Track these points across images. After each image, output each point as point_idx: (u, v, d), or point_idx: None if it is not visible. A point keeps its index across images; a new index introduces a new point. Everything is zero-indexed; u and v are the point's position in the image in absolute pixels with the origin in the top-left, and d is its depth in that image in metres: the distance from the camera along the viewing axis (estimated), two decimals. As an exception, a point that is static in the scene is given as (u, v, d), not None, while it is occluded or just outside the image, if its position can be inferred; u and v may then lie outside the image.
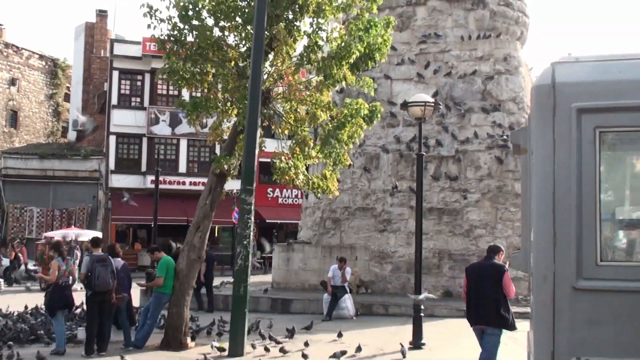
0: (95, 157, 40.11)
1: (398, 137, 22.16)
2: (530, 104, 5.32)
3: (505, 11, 22.96)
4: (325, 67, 12.65)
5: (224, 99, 13.32)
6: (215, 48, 12.83)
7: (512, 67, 21.97)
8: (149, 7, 12.77)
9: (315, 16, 12.68)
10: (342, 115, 13.12)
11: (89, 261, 12.16)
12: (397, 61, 22.58)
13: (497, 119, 21.50)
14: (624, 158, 5.45)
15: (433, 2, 22.78)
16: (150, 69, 37.92)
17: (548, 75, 5.02)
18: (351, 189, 22.34)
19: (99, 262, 12.11)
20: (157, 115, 38.55)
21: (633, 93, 4.88)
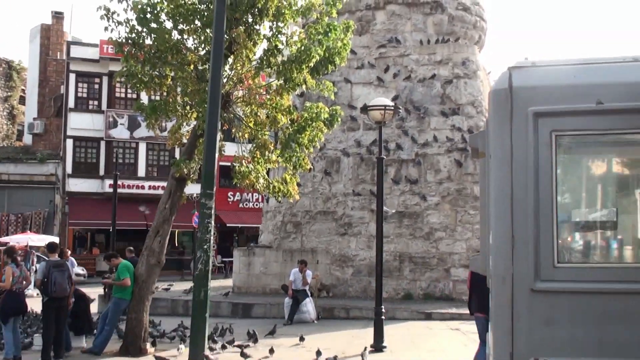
0: (52, 160, 39.43)
1: (358, 140, 22.25)
2: (488, 108, 5.37)
3: (463, 16, 23.22)
4: (285, 70, 12.62)
5: (184, 102, 13.21)
6: (174, 51, 12.71)
7: (471, 71, 22.22)
8: (106, 9, 12.59)
9: (275, 20, 12.65)
10: (302, 119, 13.10)
11: (45, 267, 11.95)
12: (357, 65, 22.68)
13: (456, 122, 21.72)
14: (580, 161, 5.53)
15: (392, 6, 22.94)
16: (108, 71, 37.47)
17: (505, 80, 5.07)
18: (312, 192, 22.35)
19: (56, 267, 11.92)
20: (115, 118, 38.10)
21: (587, 97, 4.96)
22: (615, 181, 5.60)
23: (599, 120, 4.97)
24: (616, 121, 4.96)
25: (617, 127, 5.00)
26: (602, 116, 4.95)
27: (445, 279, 20.90)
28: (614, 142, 5.31)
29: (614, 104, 4.91)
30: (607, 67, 5.15)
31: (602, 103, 4.90)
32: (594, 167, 5.70)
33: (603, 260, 5.35)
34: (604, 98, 4.93)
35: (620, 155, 5.58)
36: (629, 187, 5.54)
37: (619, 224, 5.33)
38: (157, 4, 12.63)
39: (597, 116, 4.96)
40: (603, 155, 5.58)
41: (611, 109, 4.92)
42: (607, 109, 4.91)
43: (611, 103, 4.92)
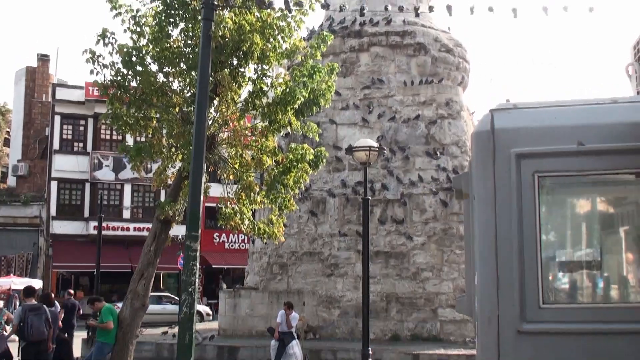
0: (36, 203, 39.18)
1: (344, 181, 22.29)
2: (471, 150, 5.42)
3: (446, 57, 23.52)
4: (270, 112, 12.69)
5: (169, 144, 13.22)
6: (160, 94, 12.76)
7: (454, 111, 22.42)
8: (92, 52, 12.66)
9: (260, 62, 12.75)
10: (287, 161, 13.14)
11: (21, 311, 11.84)
12: (341, 106, 22.83)
13: (441, 162, 21.84)
14: (563, 201, 5.56)
15: (376, 48, 23.21)
16: (93, 113, 37.50)
17: (487, 122, 5.13)
18: (298, 233, 22.30)
19: (32, 311, 11.80)
20: (100, 160, 38.03)
21: (568, 138, 5.02)
22: (598, 220, 5.63)
23: (580, 161, 5.03)
24: (597, 162, 5.02)
25: (598, 167, 5.05)
26: (583, 157, 5.01)
27: (433, 320, 20.79)
28: (596, 182, 5.36)
29: (595, 145, 4.97)
30: (587, 108, 5.22)
31: (583, 144, 4.96)
32: (577, 207, 5.74)
33: (589, 300, 5.35)
34: (584, 139, 4.99)
35: (603, 194, 5.63)
36: (612, 226, 5.57)
37: (604, 263, 5.35)
38: (143, 47, 12.72)
39: (578, 157, 5.01)
40: (586, 195, 5.62)
41: (592, 150, 4.97)
42: (588, 150, 4.97)
43: (592, 144, 4.98)
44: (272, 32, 12.58)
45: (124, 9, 12.81)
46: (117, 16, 12.79)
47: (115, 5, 12.73)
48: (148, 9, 13.00)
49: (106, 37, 12.69)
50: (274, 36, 12.63)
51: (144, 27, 12.90)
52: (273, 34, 12.61)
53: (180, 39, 12.99)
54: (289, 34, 12.77)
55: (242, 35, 12.08)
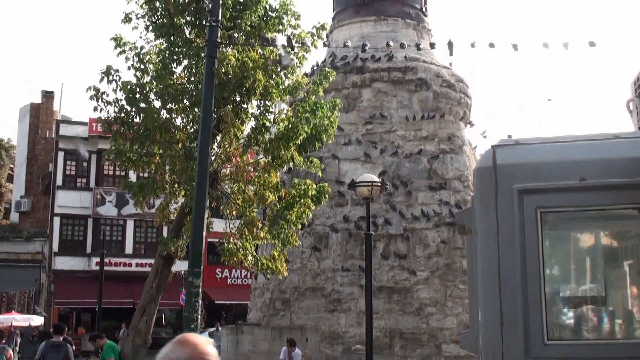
0: (39, 239, 39.13)
1: (347, 216, 22.25)
2: (473, 185, 5.43)
3: (447, 92, 23.64)
4: (272, 148, 12.77)
5: (171, 180, 13.27)
6: (163, 130, 12.86)
7: (457, 146, 22.48)
8: (96, 89, 12.79)
9: (263, 99, 12.86)
10: (290, 196, 13.17)
11: (44, 347, 12.14)
12: (344, 141, 22.89)
13: (443, 197, 21.82)
14: (566, 236, 5.56)
15: (378, 84, 23.35)
16: (96, 149, 37.64)
17: (489, 158, 5.14)
18: (301, 268, 22.20)
19: (53, 347, 12.00)
20: (103, 196, 38.07)
21: (570, 174, 5.02)
22: (602, 255, 5.61)
23: (582, 196, 5.02)
24: (600, 197, 5.02)
25: (601, 203, 5.05)
26: (586, 192, 5.01)
27: (437, 356, 20.59)
28: (599, 217, 5.35)
29: (597, 181, 4.98)
30: (589, 144, 5.23)
31: (585, 180, 4.96)
32: (581, 242, 5.73)
33: (594, 336, 5.30)
34: (587, 175, 4.99)
35: (606, 229, 5.62)
36: (616, 261, 5.56)
37: (609, 298, 5.32)
38: (147, 84, 12.85)
39: (580, 193, 5.01)
40: (589, 230, 5.62)
41: (594, 185, 4.98)
42: (590, 185, 4.97)
43: (594, 180, 4.98)
44: (275, 69, 12.71)
45: (128, 47, 12.97)
46: (121, 54, 12.95)
47: (119, 44, 12.89)
48: (152, 46, 13.18)
49: (110, 74, 12.83)
50: (276, 73, 12.76)
51: (147, 64, 13.05)
52: (276, 71, 12.75)
53: (183, 76, 13.13)
54: (292, 70, 12.89)
55: (245, 72, 12.21)
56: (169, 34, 12.97)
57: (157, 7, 13.09)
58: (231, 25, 12.75)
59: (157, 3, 13.06)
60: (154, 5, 13.09)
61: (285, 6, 13.30)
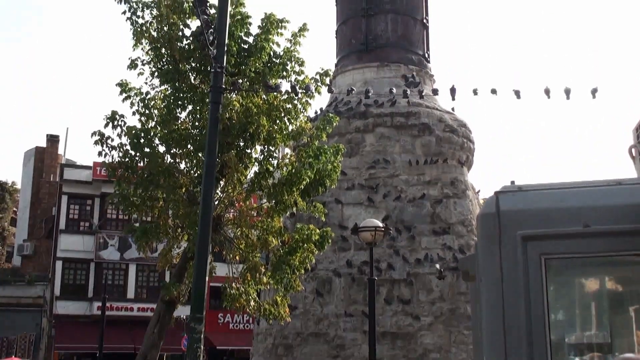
0: (40, 283, 38.98)
1: (350, 261, 22.16)
2: (477, 232, 5.44)
3: (450, 137, 23.74)
4: (276, 193, 12.79)
5: (174, 225, 13.27)
6: (167, 174, 12.90)
7: (460, 190, 22.50)
8: (101, 134, 12.89)
9: (266, 144, 12.93)
10: (293, 241, 13.15)
11: None
12: (347, 186, 22.93)
13: (447, 241, 21.77)
14: (570, 283, 5.54)
15: (381, 129, 23.48)
16: (100, 193, 37.72)
17: (492, 204, 5.15)
18: (303, 313, 22.04)
19: None
20: (106, 240, 38.02)
21: (574, 220, 5.02)
22: (607, 301, 5.60)
23: (586, 242, 5.02)
24: (603, 243, 5.01)
25: (605, 249, 5.05)
26: (590, 239, 5.00)
27: (441, 403, 20.32)
28: (603, 264, 5.35)
29: (601, 227, 4.98)
30: (592, 190, 5.25)
31: (589, 226, 4.97)
32: (585, 288, 5.71)
33: (600, 384, 5.27)
34: (590, 221, 4.99)
35: (610, 275, 5.61)
36: (621, 306, 5.54)
37: (615, 344, 5.29)
38: (151, 129, 12.94)
39: (584, 239, 5.01)
40: (593, 276, 5.61)
41: (598, 231, 4.98)
42: (594, 231, 4.97)
43: (598, 226, 4.98)
44: (279, 114, 12.81)
45: (133, 92, 13.11)
46: (126, 99, 13.08)
47: (125, 89, 13.04)
48: (157, 92, 13.31)
49: (115, 119, 12.94)
50: (280, 118, 12.86)
51: (152, 109, 13.16)
52: (279, 116, 12.85)
53: (188, 121, 13.22)
54: (295, 115, 13.00)
55: (249, 118, 12.30)
56: (174, 79, 13.11)
57: (163, 53, 13.26)
58: (236, 71, 12.90)
59: (162, 50, 13.24)
60: (160, 52, 13.26)
61: (290, 53, 13.46)
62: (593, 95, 11.65)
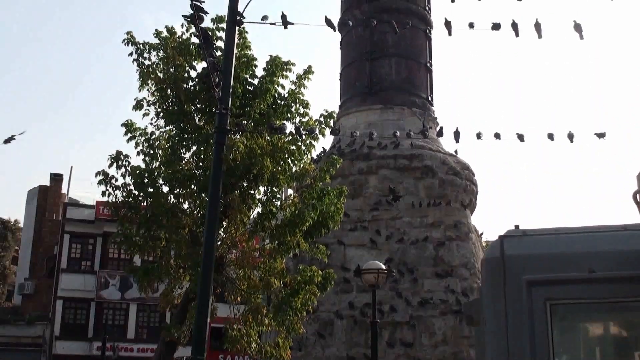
0: (41, 322, 38.69)
1: (352, 303, 22.03)
2: (481, 276, 5.42)
3: (453, 180, 23.78)
4: (279, 234, 12.77)
5: (176, 265, 13.23)
6: (170, 215, 12.91)
7: (463, 233, 22.46)
8: (105, 174, 12.93)
9: (270, 185, 12.95)
10: (295, 283, 13.10)
11: None
12: (350, 227, 22.90)
13: (450, 284, 21.66)
14: (576, 328, 5.51)
15: (384, 171, 23.54)
16: (102, 232, 37.67)
17: (497, 249, 5.15)
18: (305, 356, 21.83)
19: None
20: (107, 279, 37.86)
21: (579, 265, 5.01)
22: (612, 347, 5.56)
23: (592, 288, 5.00)
24: (609, 289, 5.00)
25: (610, 295, 5.03)
26: (595, 284, 4.99)
27: None
28: (608, 309, 5.32)
29: (606, 273, 4.96)
30: (597, 235, 5.24)
31: (594, 272, 4.95)
32: (590, 333, 5.67)
33: None
34: (595, 266, 4.98)
35: (615, 321, 5.58)
36: (626, 352, 5.49)
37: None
38: (155, 169, 12.98)
39: (589, 284, 4.99)
40: (599, 322, 5.58)
41: (603, 277, 4.96)
42: (599, 277, 4.96)
43: (603, 272, 4.97)
44: (283, 156, 12.86)
45: (138, 133, 13.19)
46: (131, 139, 13.16)
47: (130, 130, 13.12)
48: (162, 132, 13.39)
49: (120, 159, 12.99)
50: (284, 159, 12.91)
51: (157, 149, 13.22)
52: (283, 157, 12.89)
53: (192, 162, 13.27)
54: (299, 157, 13.05)
55: (253, 159, 12.34)
56: (179, 120, 13.21)
57: (169, 94, 13.39)
58: (240, 112, 12.99)
59: (168, 91, 13.37)
60: (166, 93, 13.38)
61: (294, 95, 13.57)
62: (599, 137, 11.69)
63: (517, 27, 10.44)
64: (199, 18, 8.89)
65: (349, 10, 26.12)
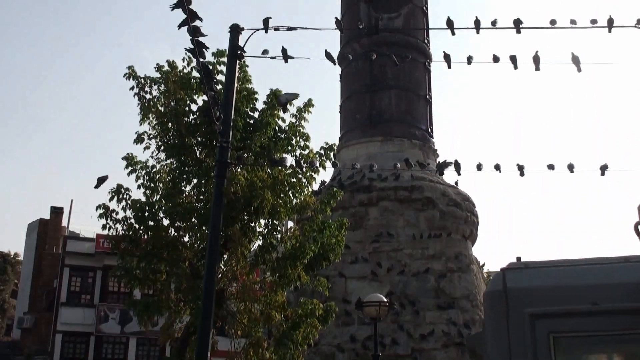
0: (39, 357, 38.35)
1: (353, 335, 21.88)
2: (483, 310, 5.40)
3: (454, 211, 23.78)
4: (280, 267, 12.73)
5: (177, 298, 13.16)
6: (170, 248, 12.87)
7: (464, 264, 22.39)
8: (105, 208, 12.92)
9: (270, 217, 12.93)
10: (296, 316, 13.02)
11: None
12: (351, 259, 22.84)
13: (452, 316, 21.54)
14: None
15: (385, 203, 23.54)
16: (102, 265, 37.52)
17: (499, 281, 5.13)
18: (306, 390, 21.63)
19: None
20: (106, 312, 37.61)
21: (582, 298, 5.00)
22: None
23: (595, 321, 4.98)
24: (612, 322, 4.98)
25: (614, 327, 5.00)
26: (598, 317, 4.97)
27: None
28: (612, 342, 5.29)
29: (609, 305, 4.95)
30: (600, 268, 5.24)
31: (597, 304, 4.93)
32: (594, 366, 5.64)
33: None
34: (598, 299, 4.97)
35: (619, 353, 5.55)
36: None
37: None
38: (156, 203, 12.97)
39: (593, 317, 4.97)
40: (602, 354, 5.55)
41: (606, 310, 4.94)
42: (602, 310, 4.94)
43: (606, 304, 4.95)
44: (283, 188, 12.86)
45: (139, 166, 13.21)
46: (132, 173, 13.17)
47: (131, 163, 13.14)
48: (163, 165, 13.40)
49: (120, 192, 12.99)
50: (285, 192, 12.90)
51: (158, 183, 13.23)
52: (284, 190, 12.89)
53: (192, 195, 13.27)
54: (300, 190, 13.05)
55: (254, 192, 12.34)
56: (179, 153, 13.23)
57: (169, 127, 13.43)
58: (241, 145, 13.03)
59: (169, 124, 13.42)
60: (167, 127, 13.43)
61: (295, 128, 13.62)
62: (602, 170, 11.71)
63: (515, 60, 10.51)
64: (200, 53, 8.95)
65: (348, 43, 26.35)
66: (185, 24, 7.88)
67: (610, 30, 9.84)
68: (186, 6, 7.45)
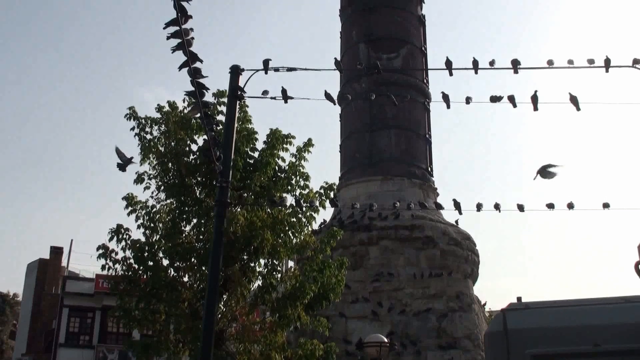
0: (37, 400, 37.92)
1: (354, 376, 21.65)
2: (485, 350, 5.36)
3: (454, 250, 23.71)
4: (279, 307, 12.64)
5: (176, 339, 13.04)
6: (169, 288, 12.80)
7: (465, 304, 22.25)
8: (105, 248, 12.89)
9: (270, 257, 12.88)
10: (296, 357, 12.88)
11: None
12: (351, 299, 22.70)
13: (453, 356, 21.34)
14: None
15: (385, 241, 23.48)
16: (101, 306, 37.25)
17: (500, 322, 5.11)
18: None
19: None
20: (105, 354, 37.21)
21: (583, 339, 4.97)
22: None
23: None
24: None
25: (616, 368, 4.96)
26: (600, 358, 4.93)
27: None
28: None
29: (611, 346, 4.91)
30: (601, 309, 5.21)
31: (599, 345, 4.90)
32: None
33: None
34: (599, 340, 4.93)
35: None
36: None
37: None
38: (155, 243, 12.94)
39: (593, 358, 4.94)
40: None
41: (608, 351, 4.91)
42: (604, 351, 4.90)
43: (607, 345, 4.92)
44: (283, 228, 12.83)
45: (139, 206, 13.20)
46: (131, 213, 13.16)
47: (131, 203, 13.14)
48: (162, 205, 13.40)
49: (120, 233, 12.96)
50: (284, 232, 12.87)
51: (157, 223, 13.21)
52: (284, 230, 12.86)
53: (192, 235, 13.24)
54: (300, 229, 13.02)
55: (254, 232, 12.31)
56: (179, 193, 13.23)
57: (169, 167, 13.45)
58: (241, 185, 13.04)
59: (169, 164, 13.44)
60: (167, 167, 13.45)
61: (295, 167, 13.65)
62: (604, 207, 11.71)
63: (514, 99, 10.58)
64: (200, 95, 9.00)
65: (348, 83, 26.55)
66: (186, 65, 7.94)
67: (608, 70, 9.91)
68: (187, 48, 7.51)
